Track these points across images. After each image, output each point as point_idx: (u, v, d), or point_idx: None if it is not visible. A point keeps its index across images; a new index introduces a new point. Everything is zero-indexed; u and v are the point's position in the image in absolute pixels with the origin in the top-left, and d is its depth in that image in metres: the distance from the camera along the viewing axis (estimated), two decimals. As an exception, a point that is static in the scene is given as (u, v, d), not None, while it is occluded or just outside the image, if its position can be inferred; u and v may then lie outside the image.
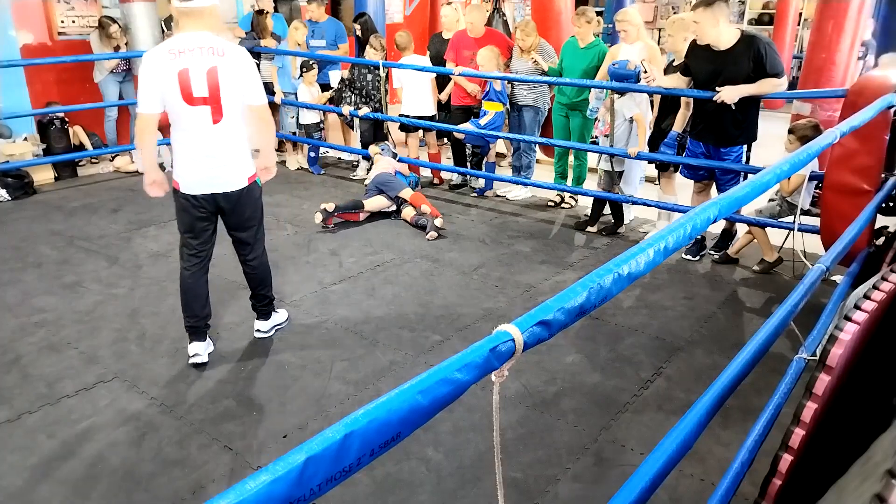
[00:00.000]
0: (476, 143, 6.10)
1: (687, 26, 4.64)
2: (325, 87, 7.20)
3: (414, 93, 6.38)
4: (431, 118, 6.39)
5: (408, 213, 5.44)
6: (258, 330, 3.58)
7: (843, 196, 3.80)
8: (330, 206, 5.20)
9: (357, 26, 6.77)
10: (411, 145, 6.70)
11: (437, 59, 6.35)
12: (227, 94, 2.99)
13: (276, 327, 3.64)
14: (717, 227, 4.85)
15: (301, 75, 6.85)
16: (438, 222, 5.17)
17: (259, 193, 3.31)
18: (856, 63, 6.92)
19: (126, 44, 6.90)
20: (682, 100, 4.66)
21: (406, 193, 5.49)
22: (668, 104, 4.94)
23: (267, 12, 7.21)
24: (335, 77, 6.98)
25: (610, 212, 5.37)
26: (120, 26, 6.81)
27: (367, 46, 6.46)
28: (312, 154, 7.15)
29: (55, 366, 3.29)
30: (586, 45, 5.47)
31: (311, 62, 6.85)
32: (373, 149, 6.24)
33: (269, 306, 3.57)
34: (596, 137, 5.54)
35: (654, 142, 4.99)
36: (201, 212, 3.15)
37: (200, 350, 3.33)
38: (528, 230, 5.37)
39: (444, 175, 6.77)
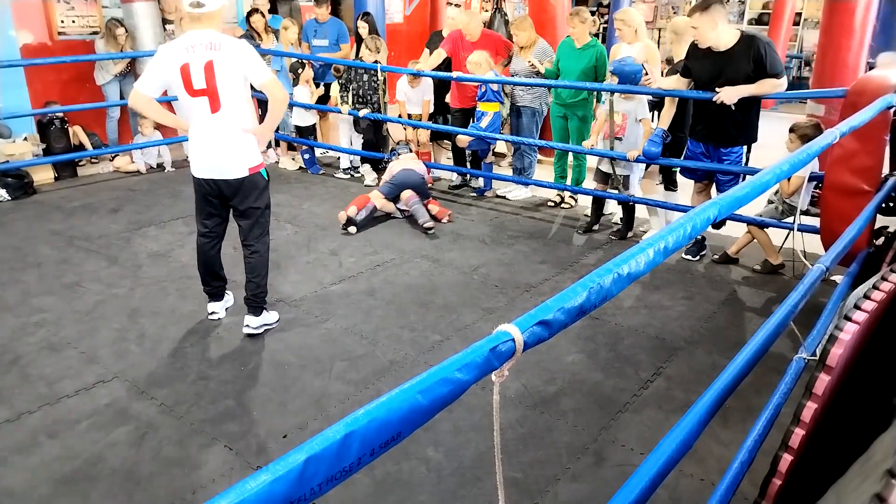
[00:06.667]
0: (479, 148, 6.09)
1: (686, 29, 4.64)
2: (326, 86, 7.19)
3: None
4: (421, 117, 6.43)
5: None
6: (247, 325, 3.56)
7: (843, 196, 3.80)
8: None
9: (365, 25, 6.75)
10: (418, 142, 6.70)
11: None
12: (224, 86, 3.24)
13: (266, 327, 3.62)
14: (717, 227, 4.85)
15: (296, 78, 6.85)
16: (432, 221, 5.27)
17: (264, 185, 3.48)
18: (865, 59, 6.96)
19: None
20: (667, 98, 4.64)
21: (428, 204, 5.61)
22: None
23: (260, 12, 7.19)
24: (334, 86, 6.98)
25: (623, 215, 5.27)
26: (127, 30, 6.80)
27: (362, 47, 6.45)
28: (307, 156, 7.13)
29: (55, 366, 3.29)
30: (583, 45, 5.44)
31: (301, 62, 6.84)
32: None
33: (259, 300, 3.55)
34: (593, 145, 5.53)
35: None
36: (208, 195, 3.45)
37: (217, 308, 3.78)
38: (528, 230, 5.37)
39: (444, 175, 6.78)
